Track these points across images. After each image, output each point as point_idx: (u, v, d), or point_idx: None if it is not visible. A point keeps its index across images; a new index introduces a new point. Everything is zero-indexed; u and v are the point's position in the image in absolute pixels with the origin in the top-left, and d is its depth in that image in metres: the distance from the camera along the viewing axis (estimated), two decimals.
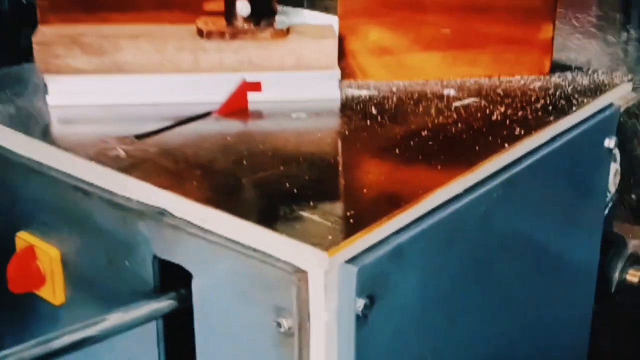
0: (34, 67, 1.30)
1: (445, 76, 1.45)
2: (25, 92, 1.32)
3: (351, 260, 0.92)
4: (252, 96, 1.35)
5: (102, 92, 1.29)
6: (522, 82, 1.45)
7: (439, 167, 1.13)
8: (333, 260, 0.90)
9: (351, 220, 0.99)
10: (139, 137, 1.18)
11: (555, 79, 1.47)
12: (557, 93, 1.40)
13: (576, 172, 1.35)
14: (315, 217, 0.99)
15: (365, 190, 1.07)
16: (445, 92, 1.39)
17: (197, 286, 1.01)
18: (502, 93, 1.40)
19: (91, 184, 1.09)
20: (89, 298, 1.15)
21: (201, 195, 1.00)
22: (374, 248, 0.95)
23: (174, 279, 1.03)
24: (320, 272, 0.91)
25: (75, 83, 1.28)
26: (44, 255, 1.16)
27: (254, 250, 0.95)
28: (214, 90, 1.31)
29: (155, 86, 1.30)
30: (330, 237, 0.94)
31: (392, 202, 1.03)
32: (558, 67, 1.52)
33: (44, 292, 1.17)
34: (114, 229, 1.07)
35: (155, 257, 1.04)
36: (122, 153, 1.12)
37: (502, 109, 1.32)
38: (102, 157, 1.11)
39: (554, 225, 1.34)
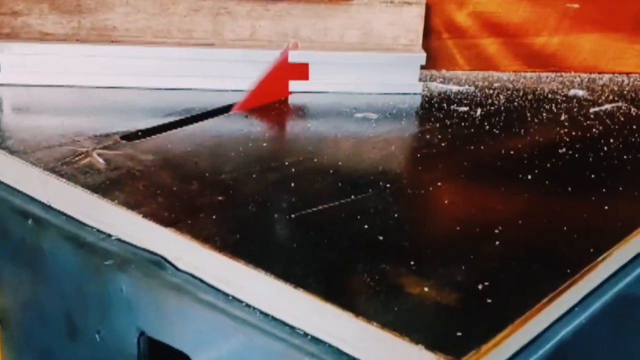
0: None
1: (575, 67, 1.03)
2: None
3: None
4: (295, 85, 0.93)
5: (78, 68, 0.98)
6: None
7: (606, 207, 0.70)
8: None
9: (488, 300, 0.57)
10: (128, 137, 0.85)
11: None
12: None
13: None
14: (425, 291, 0.57)
15: (497, 243, 0.64)
16: (572, 92, 0.97)
17: None
18: None
19: (48, 209, 0.76)
20: None
21: (224, 240, 0.66)
22: (525, 351, 0.60)
23: None
24: None
25: (39, 54, 0.97)
26: None
27: (317, 343, 0.60)
28: (241, 73, 0.89)
29: (155, 63, 0.99)
30: (459, 335, 0.52)
31: (551, 267, 0.61)
32: None
33: None
34: (79, 283, 0.74)
35: (142, 334, 0.70)
36: (99, 162, 0.74)
37: None
38: (66, 167, 0.78)
39: None
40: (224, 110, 0.92)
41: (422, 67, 1.01)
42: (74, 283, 0.75)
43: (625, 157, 0.82)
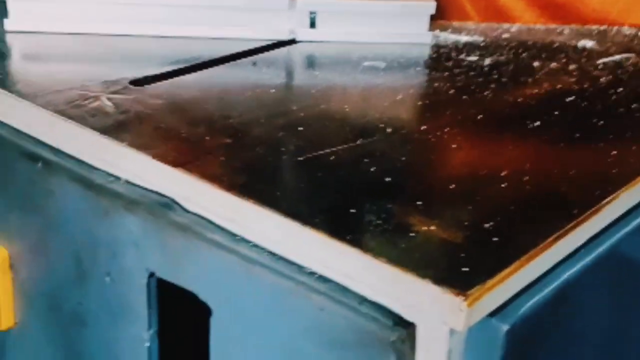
0: None
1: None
2: None
3: (497, 313, 0.58)
4: (303, 34, 0.93)
5: (87, 15, 0.97)
6: None
7: (614, 152, 0.70)
8: (472, 312, 0.49)
9: (494, 238, 0.57)
10: (136, 82, 0.85)
11: None
12: None
13: None
14: (432, 230, 0.58)
15: (504, 185, 0.65)
16: (581, 43, 0.97)
17: (218, 330, 0.67)
18: None
19: (57, 152, 0.76)
20: (47, 324, 0.83)
21: (232, 180, 0.66)
22: (530, 290, 0.60)
23: (180, 311, 0.73)
24: (442, 331, 0.56)
25: (48, 0, 0.96)
26: None
27: (324, 281, 0.60)
28: (248, 21, 0.89)
29: (164, 11, 0.97)
30: (465, 270, 0.52)
31: (556, 209, 0.62)
32: None
33: None
34: (89, 225, 0.75)
35: (152, 275, 0.71)
36: (108, 105, 0.73)
37: None
38: (75, 109, 0.77)
39: None
40: (232, 58, 0.92)
41: (433, 18, 1.00)
42: (83, 226, 0.76)
43: (633, 105, 0.82)
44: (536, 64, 0.93)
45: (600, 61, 0.94)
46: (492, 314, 0.57)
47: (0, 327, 0.86)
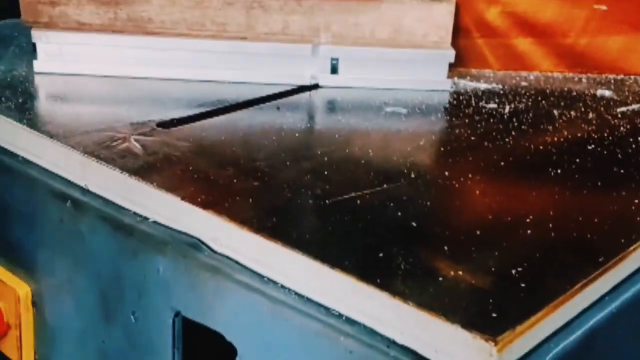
0: (20, 22, 1.03)
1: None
2: (4, 55, 1.05)
3: (525, 359, 0.58)
4: (325, 79, 0.95)
5: (114, 58, 1.00)
6: None
7: (636, 200, 0.71)
8: (502, 357, 0.52)
9: (522, 284, 0.58)
10: (163, 125, 0.87)
11: None
12: None
13: None
14: (460, 275, 0.58)
15: (529, 232, 0.65)
16: (599, 92, 0.98)
17: None
18: None
19: (86, 192, 0.78)
20: None
21: (261, 222, 0.67)
22: (556, 336, 0.60)
23: (206, 351, 0.73)
24: None
25: (76, 43, 0.99)
26: (8, 294, 0.85)
27: (352, 324, 0.61)
28: (272, 66, 0.91)
29: (189, 55, 1.00)
30: (494, 316, 0.53)
31: (582, 255, 0.63)
32: None
33: (5, 346, 0.88)
34: (116, 264, 0.76)
35: (178, 315, 0.71)
36: (136, 147, 0.78)
37: None
38: (105, 151, 0.80)
39: None
40: (256, 102, 0.94)
41: (452, 66, 1.02)
42: (110, 265, 0.76)
43: None
44: (555, 112, 0.94)
45: (619, 110, 0.95)
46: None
47: None
